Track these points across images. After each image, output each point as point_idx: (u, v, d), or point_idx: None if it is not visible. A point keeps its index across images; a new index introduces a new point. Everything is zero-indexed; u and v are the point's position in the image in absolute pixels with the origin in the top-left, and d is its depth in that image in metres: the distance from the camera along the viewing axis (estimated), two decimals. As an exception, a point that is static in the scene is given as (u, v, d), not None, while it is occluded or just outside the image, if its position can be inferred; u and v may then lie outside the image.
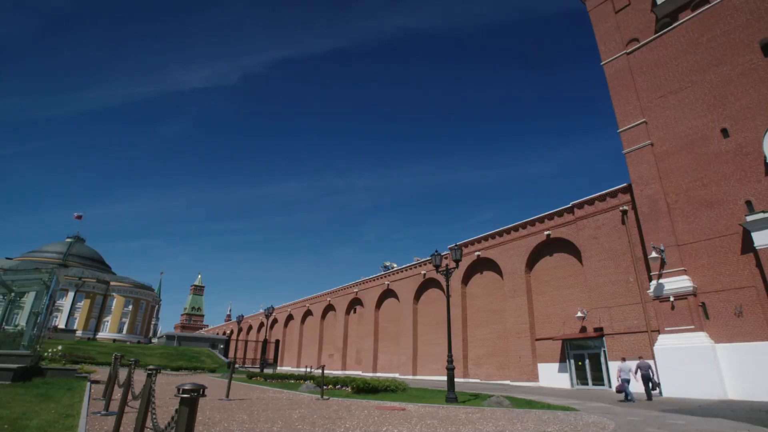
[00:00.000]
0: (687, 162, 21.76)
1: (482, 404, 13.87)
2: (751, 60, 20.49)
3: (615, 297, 24.06)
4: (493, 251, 33.23)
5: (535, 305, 29.38)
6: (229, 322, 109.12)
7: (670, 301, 20.55)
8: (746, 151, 19.71)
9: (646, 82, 24.37)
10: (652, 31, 24.83)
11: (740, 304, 18.61)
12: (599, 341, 24.40)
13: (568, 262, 28.11)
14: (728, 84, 20.98)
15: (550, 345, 27.39)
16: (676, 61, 23.24)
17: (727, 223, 19.73)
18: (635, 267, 23.47)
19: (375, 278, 48.54)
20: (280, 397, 15.07)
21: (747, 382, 17.68)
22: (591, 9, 28.46)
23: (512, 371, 29.12)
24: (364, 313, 49.33)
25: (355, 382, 17.91)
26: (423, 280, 40.73)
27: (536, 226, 30.26)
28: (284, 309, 68.12)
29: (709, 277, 19.83)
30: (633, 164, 23.83)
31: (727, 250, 19.52)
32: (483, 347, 32.80)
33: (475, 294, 34.87)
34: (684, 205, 21.46)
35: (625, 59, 25.60)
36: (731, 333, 18.66)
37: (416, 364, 39.20)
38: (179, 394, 3.10)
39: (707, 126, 21.38)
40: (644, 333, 22.14)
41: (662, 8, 24.24)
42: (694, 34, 22.75)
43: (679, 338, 19.83)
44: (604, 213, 25.93)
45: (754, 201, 18.99)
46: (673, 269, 20.93)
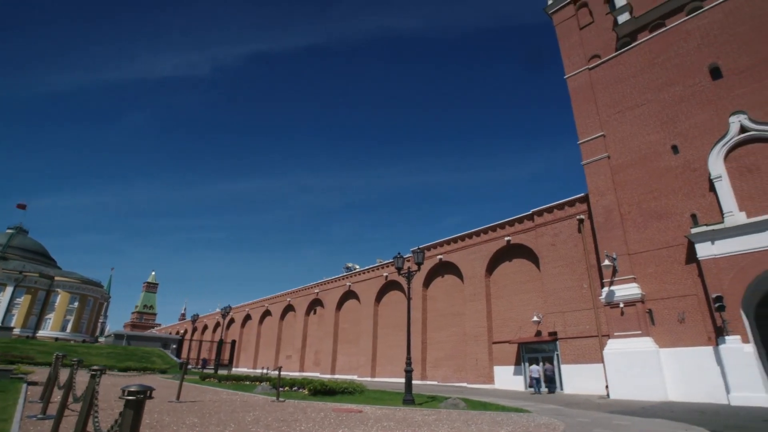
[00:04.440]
0: (640, 175, 22.81)
1: (438, 406, 13.94)
2: (700, 82, 21.75)
3: (569, 302, 24.89)
4: (455, 255, 33.69)
5: (494, 309, 29.98)
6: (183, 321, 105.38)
7: (620, 307, 21.45)
8: (693, 167, 20.89)
9: (605, 97, 25.41)
10: (613, 49, 25.95)
11: (683, 311, 19.67)
12: (553, 345, 25.16)
13: (527, 267, 28.87)
14: (679, 103, 22.18)
15: (507, 348, 28.00)
16: (633, 79, 24.36)
17: (674, 234, 20.81)
18: (589, 274, 24.37)
19: (337, 279, 48.18)
20: (234, 399, 14.61)
21: (686, 384, 18.69)
22: (557, 23, 29.43)
23: (469, 374, 29.56)
24: (324, 314, 48.83)
25: (312, 384, 17.62)
26: (385, 282, 40.78)
27: (497, 232, 30.92)
28: (242, 309, 66.48)
29: (656, 285, 20.84)
30: (591, 175, 24.76)
31: (673, 260, 20.59)
32: (442, 350, 33.15)
33: (436, 297, 35.22)
34: (636, 216, 22.48)
35: (587, 74, 26.62)
36: (674, 338, 19.68)
37: (375, 366, 39.14)
38: (124, 396, 2.97)
39: (659, 142, 22.51)
40: (595, 337, 23.01)
41: (623, 28, 25.37)
42: (650, 54, 23.93)
43: (626, 343, 20.72)
44: (562, 221, 26.81)
45: (698, 214, 20.13)
46: (623, 277, 21.87)
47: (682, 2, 23.39)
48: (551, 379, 24.35)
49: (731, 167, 19.68)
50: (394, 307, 39.58)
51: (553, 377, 24.46)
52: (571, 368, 23.60)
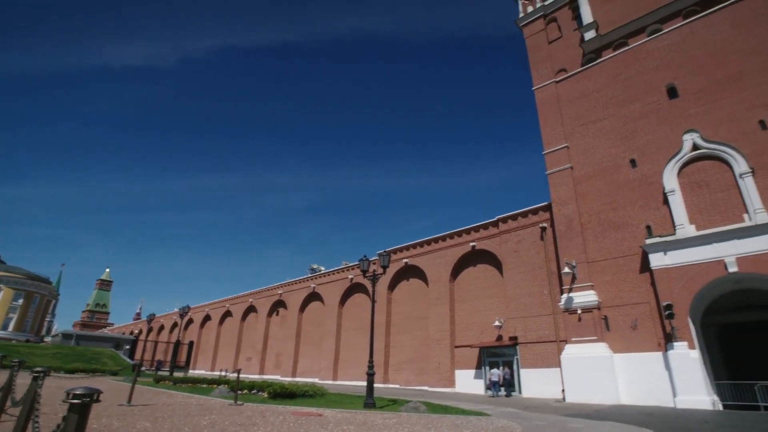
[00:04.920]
0: (600, 186, 23.68)
1: (399, 410, 13.92)
2: (658, 100, 22.83)
3: (530, 308, 25.48)
4: (421, 259, 33.90)
5: (457, 313, 30.33)
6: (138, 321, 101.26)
7: (577, 313, 22.14)
8: (650, 181, 21.86)
9: (570, 110, 26.27)
10: (579, 64, 26.90)
11: (636, 318, 20.50)
12: (513, 349, 25.67)
13: (490, 273, 29.38)
14: (639, 119, 23.20)
15: (468, 352, 28.36)
16: (597, 94, 25.30)
17: (630, 244, 21.69)
18: (550, 280, 25.05)
19: (301, 280, 47.52)
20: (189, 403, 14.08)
21: (637, 388, 19.47)
22: (528, 36, 30.26)
23: (431, 377, 29.74)
24: (287, 316, 48.03)
25: (272, 387, 17.24)
26: (350, 284, 40.54)
27: (463, 237, 31.34)
28: (201, 309, 64.48)
29: (612, 292, 21.65)
30: (554, 185, 25.50)
31: (629, 269, 21.45)
32: (404, 353, 33.22)
33: (401, 300, 35.30)
34: (595, 226, 23.30)
35: (554, 87, 27.45)
36: (627, 344, 20.47)
37: (337, 369, 38.80)
38: (68, 400, 2.77)
39: (619, 155, 23.45)
40: (554, 342, 23.64)
41: (589, 44, 26.34)
42: (613, 71, 24.94)
43: (583, 348, 21.40)
44: (525, 228, 27.46)
45: (653, 226, 21.07)
46: (582, 284, 22.59)
47: (644, 24, 24.53)
48: (509, 383, 24.91)
49: (684, 182, 20.73)
50: (358, 309, 39.39)
51: (511, 381, 25.01)
52: (530, 372, 24.14)
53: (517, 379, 25.00)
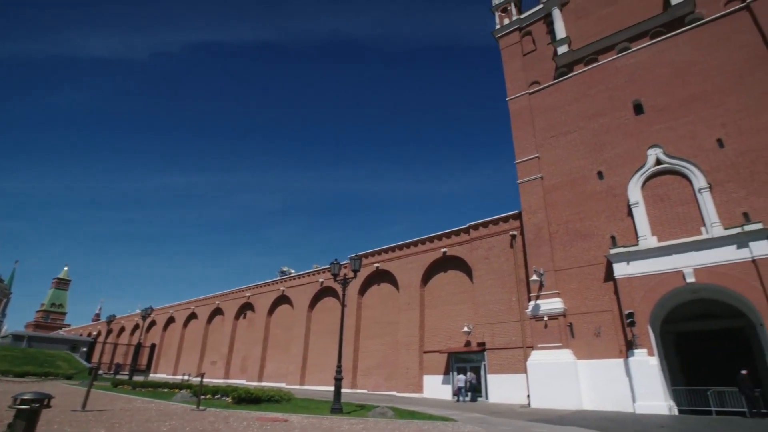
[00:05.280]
0: (569, 197, 24.31)
1: (367, 415, 13.79)
2: (625, 116, 23.68)
3: (498, 314, 25.83)
4: (392, 264, 33.91)
5: (427, 319, 30.44)
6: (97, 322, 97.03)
7: (544, 320, 22.59)
8: (615, 192, 22.60)
9: (542, 121, 26.92)
10: (552, 77, 27.63)
11: (600, 326, 21.08)
12: (481, 355, 25.94)
13: (461, 279, 29.65)
14: (606, 133, 23.99)
15: (437, 358, 28.48)
16: (568, 107, 26.03)
17: (595, 254, 22.33)
18: (518, 288, 25.48)
19: (270, 283, 46.71)
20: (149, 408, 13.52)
21: (599, 394, 19.98)
22: (503, 48, 30.90)
23: (399, 382, 29.69)
24: (254, 319, 47.07)
25: (236, 392, 16.78)
26: (320, 288, 40.13)
27: (435, 243, 31.55)
28: (165, 311, 62.41)
29: (577, 300, 22.20)
30: (525, 194, 26.02)
31: (594, 277, 22.06)
32: (373, 358, 33.07)
33: (371, 305, 35.17)
34: (563, 235, 23.88)
35: (527, 98, 28.09)
36: (591, 351, 21.01)
37: (305, 374, 38.24)
38: (15, 405, 2.57)
39: (587, 167, 24.16)
40: (521, 349, 24.01)
41: (561, 59, 27.10)
42: (584, 85, 25.74)
43: (548, 354, 21.83)
44: (496, 236, 27.88)
45: (617, 236, 21.76)
46: (549, 292, 23.08)
47: (614, 42, 25.44)
48: (475, 388, 25.21)
49: (647, 195, 21.53)
50: (328, 313, 39.01)
51: (477, 386, 25.33)
52: (496, 378, 24.42)
53: (484, 384, 25.26)
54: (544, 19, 29.54)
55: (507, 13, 31.73)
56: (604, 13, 26.42)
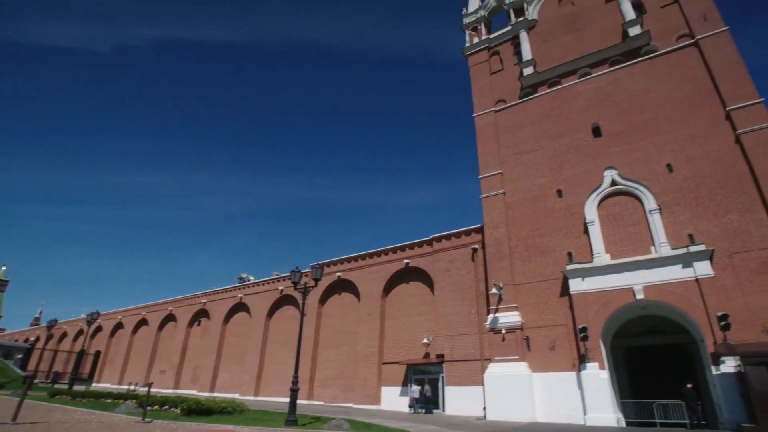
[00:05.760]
0: (529, 213, 25.00)
1: (322, 427, 13.47)
2: (584, 138, 24.73)
3: (458, 326, 26.04)
4: (355, 274, 33.66)
5: (387, 330, 30.29)
6: (36, 327, 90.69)
7: (502, 333, 22.94)
8: (573, 211, 23.44)
9: (506, 138, 27.70)
10: (517, 97, 28.56)
11: (554, 339, 21.62)
12: (439, 367, 26.00)
13: (422, 291, 29.76)
14: (566, 153, 24.93)
15: (396, 369, 28.31)
16: (531, 126, 26.93)
17: (552, 269, 22.98)
18: (478, 300, 25.82)
19: (228, 289, 45.28)
20: (88, 420, 12.67)
21: (553, 406, 20.40)
22: (472, 65, 31.74)
23: (357, 394, 29.27)
24: (209, 327, 45.39)
25: (186, 403, 16.01)
26: (280, 296, 39.24)
27: (398, 254, 31.59)
28: (113, 316, 59.19)
29: (534, 314, 22.71)
30: (487, 208, 26.56)
31: (550, 292, 22.67)
32: (331, 369, 32.50)
33: (332, 314, 34.69)
34: (523, 250, 24.47)
35: (493, 116, 28.88)
36: (545, 364, 21.48)
37: (260, 384, 37.07)
38: None
39: (547, 185, 24.97)
40: (478, 361, 24.24)
41: (526, 79, 28.10)
42: (547, 106, 26.74)
43: (505, 367, 22.14)
44: (458, 249, 28.23)
45: (574, 253, 22.51)
46: (507, 305, 23.51)
47: (576, 66, 26.64)
48: (429, 400, 25.23)
49: (602, 214, 22.44)
50: (287, 322, 38.13)
51: (432, 398, 25.35)
52: (454, 390, 24.50)
53: (441, 396, 25.27)
54: (512, 41, 30.62)
55: (477, 32, 32.71)
56: (568, 39, 27.69)
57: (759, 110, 20.15)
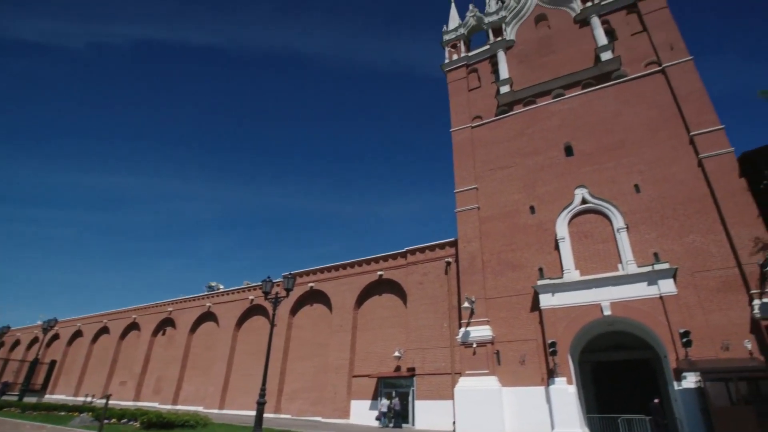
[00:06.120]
0: (502, 228, 25.36)
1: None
2: (557, 156, 25.38)
3: (430, 340, 25.98)
4: (327, 284, 33.28)
5: (358, 342, 29.95)
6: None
7: (473, 347, 23.00)
8: (545, 227, 23.91)
9: (482, 154, 28.16)
10: (494, 114, 29.17)
11: (524, 354, 21.81)
12: (410, 381, 25.80)
13: (395, 303, 29.64)
14: (540, 171, 25.51)
15: (366, 382, 27.94)
16: (506, 143, 27.49)
17: (524, 284, 23.29)
18: (450, 314, 25.87)
19: (196, 298, 44.00)
20: None
21: (522, 421, 20.48)
22: (450, 81, 32.32)
23: (326, 407, 28.71)
24: (175, 336, 43.87)
25: (146, 416, 15.36)
26: (250, 305, 38.36)
27: (371, 266, 31.45)
28: (72, 323, 56.55)
29: (505, 328, 22.89)
30: (462, 222, 26.81)
31: (521, 307, 22.94)
32: (300, 381, 31.82)
33: (302, 326, 34.10)
34: (495, 264, 24.75)
35: (470, 131, 29.37)
36: (515, 378, 21.61)
37: (225, 397, 35.92)
38: None
39: (521, 201, 25.44)
40: (449, 375, 24.19)
41: (503, 98, 28.76)
42: (522, 124, 27.39)
43: (475, 381, 22.15)
44: (432, 262, 28.33)
45: (545, 268, 22.90)
46: (479, 319, 23.63)
47: (551, 87, 27.45)
48: (398, 413, 25.00)
49: (573, 231, 22.97)
50: (256, 333, 37.22)
51: (401, 412, 25.13)
52: (424, 404, 24.32)
53: (411, 410, 25.03)
54: (489, 59, 31.36)
55: (456, 49, 33.37)
56: (544, 61, 28.56)
57: (720, 136, 21.17)
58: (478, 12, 33.94)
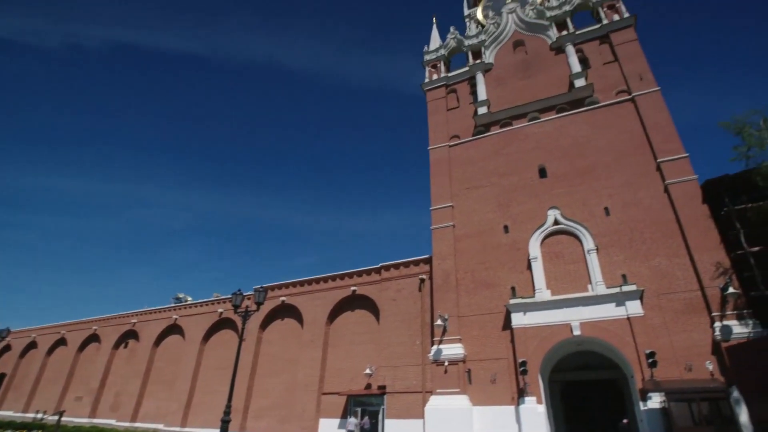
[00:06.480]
0: (477, 247, 25.57)
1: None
2: (531, 177, 25.92)
3: (402, 357, 25.70)
4: (300, 299, 32.69)
5: (329, 358, 29.38)
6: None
7: (444, 365, 22.89)
8: (518, 246, 24.23)
9: (459, 173, 28.53)
10: (471, 134, 29.70)
11: (495, 373, 21.81)
12: (381, 399, 25.37)
13: (367, 319, 29.30)
14: (514, 191, 25.97)
15: (336, 400, 27.33)
16: (482, 163, 27.94)
17: (497, 303, 23.43)
18: (422, 331, 25.72)
19: (162, 310, 42.44)
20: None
21: (491, 442, 20.33)
22: (430, 101, 32.87)
23: (293, 426, 27.88)
24: (138, 349, 42.06)
25: None
26: (218, 319, 37.22)
27: (345, 281, 31.11)
28: (26, 334, 53.52)
29: (477, 346, 22.89)
30: (437, 240, 26.93)
31: (494, 325, 23.02)
32: (268, 398, 30.87)
33: (272, 341, 33.26)
34: (469, 282, 24.86)
35: (447, 150, 29.77)
36: (486, 397, 21.53)
37: (188, 414, 34.42)
38: None
39: (495, 220, 25.77)
40: (420, 393, 23.90)
41: (480, 118, 29.34)
42: (498, 145, 27.94)
43: (446, 400, 21.97)
44: (406, 278, 28.22)
45: (517, 287, 23.13)
46: (451, 337, 23.58)
47: (527, 110, 28.19)
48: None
49: (545, 251, 23.36)
50: (224, 347, 36.03)
51: (371, 430, 24.71)
52: (395, 423, 23.89)
53: (381, 429, 24.55)
54: (468, 81, 32.07)
55: (437, 70, 34.03)
56: (520, 85, 29.38)
57: (684, 164, 22.08)
58: (459, 34, 34.78)
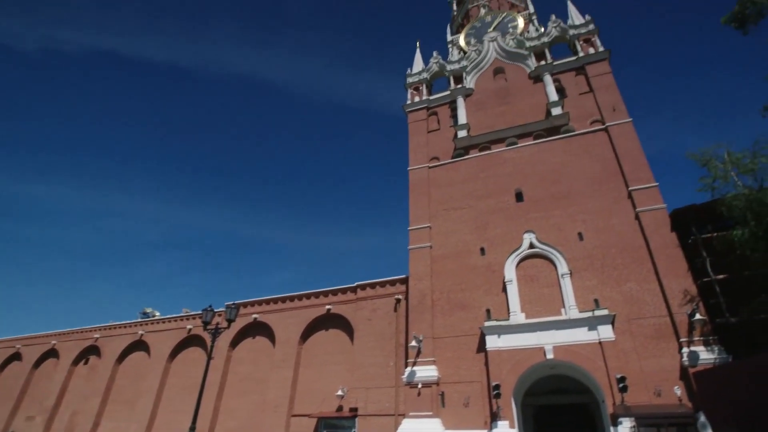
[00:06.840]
0: (453, 268, 25.62)
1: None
2: (507, 201, 26.32)
3: (375, 379, 25.23)
4: (272, 316, 31.95)
5: (301, 378, 28.62)
6: None
7: (418, 387, 22.53)
8: (494, 269, 24.38)
9: (437, 194, 28.76)
10: (450, 156, 30.10)
11: (469, 396, 21.58)
12: (352, 422, 24.72)
13: (341, 339, 28.79)
14: (491, 214, 26.28)
15: (306, 422, 26.50)
16: (461, 185, 28.27)
17: (471, 325, 23.37)
18: (397, 352, 25.38)
19: (127, 325, 40.80)
20: None
21: (463, 467, 19.96)
22: (411, 122, 33.29)
23: (259, 449, 26.83)
24: (99, 366, 40.12)
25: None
26: (187, 335, 35.97)
27: (320, 299, 30.62)
28: (-21, 347, 50.56)
29: (451, 369, 22.67)
30: (413, 260, 26.88)
31: (468, 347, 22.90)
32: (235, 419, 29.73)
33: (242, 359, 32.25)
34: (444, 303, 24.79)
35: (426, 171, 30.05)
36: (459, 421, 21.21)
37: (149, 435, 32.82)
38: None
39: (472, 242, 25.94)
40: (392, 416, 23.42)
41: (460, 141, 29.83)
42: (477, 168, 28.37)
43: (419, 423, 21.53)
44: (381, 298, 27.97)
45: (492, 310, 23.16)
46: (426, 359, 23.31)
47: (505, 135, 28.82)
48: None
49: (520, 274, 23.55)
50: (191, 365, 34.74)
51: None
52: (364, 447, 23.28)
53: (350, 453, 23.86)
54: (449, 104, 32.69)
55: (418, 92, 34.61)
56: (500, 110, 30.11)
57: (654, 193, 22.81)
58: (442, 59, 35.60)
